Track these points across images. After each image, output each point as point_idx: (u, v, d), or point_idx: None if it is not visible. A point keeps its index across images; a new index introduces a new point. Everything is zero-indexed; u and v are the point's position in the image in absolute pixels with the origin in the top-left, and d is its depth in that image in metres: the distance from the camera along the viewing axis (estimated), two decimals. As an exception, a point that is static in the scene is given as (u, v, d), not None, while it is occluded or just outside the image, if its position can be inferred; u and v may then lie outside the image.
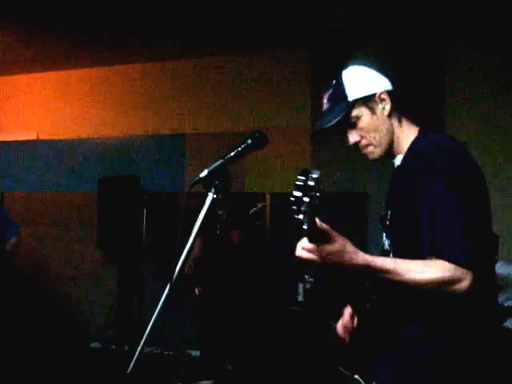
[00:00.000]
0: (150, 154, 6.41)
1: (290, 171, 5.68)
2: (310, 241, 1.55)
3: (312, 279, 4.52)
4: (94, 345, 6.06)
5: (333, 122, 1.84)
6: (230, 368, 5.08)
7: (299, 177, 1.45)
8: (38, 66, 6.63)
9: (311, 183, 1.44)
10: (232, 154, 1.86)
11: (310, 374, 4.40)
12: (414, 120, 1.91)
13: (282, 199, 5.63)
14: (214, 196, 1.81)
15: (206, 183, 1.80)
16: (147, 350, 1.87)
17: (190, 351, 5.69)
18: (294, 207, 1.43)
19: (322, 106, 1.95)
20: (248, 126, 5.85)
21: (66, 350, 5.78)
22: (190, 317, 5.38)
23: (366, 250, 1.64)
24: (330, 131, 1.88)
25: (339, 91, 1.88)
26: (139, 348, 1.83)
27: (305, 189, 1.43)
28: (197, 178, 1.81)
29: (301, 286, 4.87)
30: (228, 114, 6.15)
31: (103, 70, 6.66)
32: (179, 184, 6.24)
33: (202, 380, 4.88)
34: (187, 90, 6.35)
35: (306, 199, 1.42)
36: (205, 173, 1.82)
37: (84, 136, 6.69)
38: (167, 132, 6.39)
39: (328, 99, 1.91)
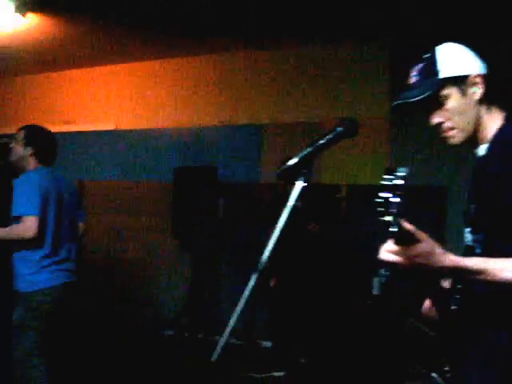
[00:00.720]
0: (226, 144, 6.43)
1: (368, 162, 5.56)
2: (397, 243, 1.47)
3: (387, 273, 4.41)
4: (168, 332, 6.16)
5: (420, 97, 1.72)
6: (302, 360, 5.03)
7: (385, 176, 1.38)
8: (116, 57, 6.79)
9: (399, 182, 1.37)
10: (322, 141, 1.71)
11: (383, 369, 4.29)
12: (501, 109, 1.79)
13: (358, 191, 5.52)
14: (305, 184, 1.71)
15: (292, 172, 1.72)
16: (216, 338, 1.86)
17: (261, 342, 5.69)
18: (382, 209, 1.36)
19: (408, 79, 1.83)
20: (325, 116, 5.76)
21: (140, 337, 5.90)
22: (263, 307, 5.37)
23: (444, 246, 1.55)
24: (414, 107, 1.76)
25: (431, 66, 1.77)
26: (225, 336, 1.80)
27: (392, 189, 1.36)
28: (286, 165, 1.72)
29: (376, 279, 4.76)
30: (305, 104, 6.08)
31: (178, 60, 6.73)
32: (255, 174, 6.23)
33: (274, 371, 4.87)
34: (263, 80, 6.31)
35: (395, 200, 1.35)
36: (295, 160, 1.71)
37: (160, 126, 6.80)
38: (243, 122, 6.39)
39: (417, 73, 1.80)
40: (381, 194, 1.37)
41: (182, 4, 4.95)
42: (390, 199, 1.35)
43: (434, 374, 1.85)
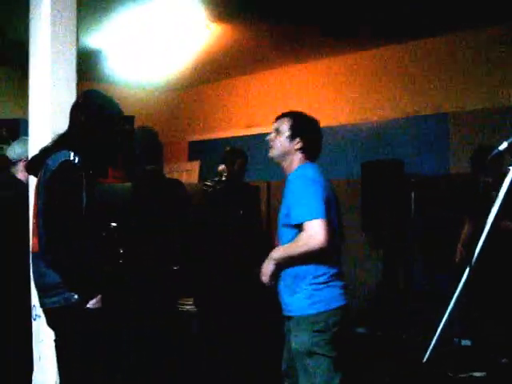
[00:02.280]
0: (412, 137, 6.25)
1: None
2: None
3: None
4: (359, 330, 6.14)
5: None
6: (503, 361, 4.76)
7: None
8: (295, 58, 6.94)
9: None
10: None
11: None
12: None
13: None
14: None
15: (500, 158, 1.61)
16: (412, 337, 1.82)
17: (458, 340, 5.46)
18: None
19: None
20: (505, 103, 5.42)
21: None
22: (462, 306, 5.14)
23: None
24: None
25: None
26: (435, 337, 1.78)
27: None
28: (496, 151, 1.63)
29: None
30: (490, 89, 5.72)
31: (360, 55, 6.69)
32: (443, 165, 5.99)
33: (474, 371, 4.66)
34: (443, 68, 6.06)
35: None
36: (504, 145, 1.63)
37: (344, 122, 6.80)
38: (429, 112, 6.17)
39: None
40: None
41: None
42: None
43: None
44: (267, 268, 2.79)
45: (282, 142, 2.91)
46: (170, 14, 5.12)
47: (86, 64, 5.75)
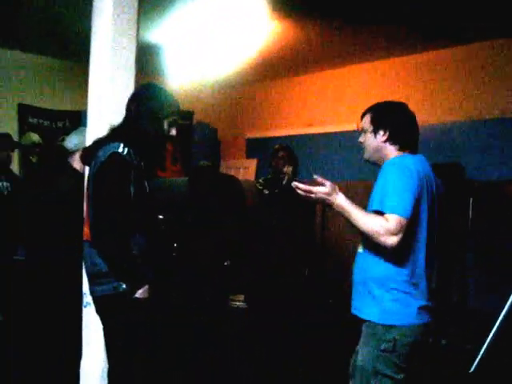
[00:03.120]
0: (475, 140, 6.05)
1: None
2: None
3: None
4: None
5: None
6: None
7: None
8: (366, 55, 6.85)
9: None
10: None
11: None
12: None
13: None
14: None
15: None
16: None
17: None
18: None
19: None
20: None
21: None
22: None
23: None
24: None
25: None
26: (484, 347, 1.70)
27: None
28: None
29: None
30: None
31: (423, 56, 6.56)
32: (508, 171, 5.78)
33: None
34: (511, 70, 5.84)
35: None
36: None
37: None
38: (493, 116, 5.96)
39: None
40: None
41: None
42: None
43: None
44: (318, 191, 2.45)
45: (369, 140, 2.69)
46: (231, 9, 5.13)
47: (147, 58, 5.83)
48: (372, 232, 2.36)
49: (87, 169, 3.01)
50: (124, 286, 2.67)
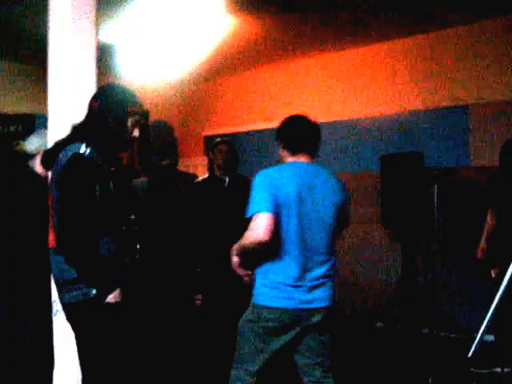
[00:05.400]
0: (432, 129, 6.15)
1: None
2: None
3: None
4: (378, 324, 6.08)
5: None
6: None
7: None
8: (321, 48, 6.86)
9: None
10: None
11: None
12: None
13: None
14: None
15: None
16: (435, 332, 1.76)
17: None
18: None
19: None
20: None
21: (351, 328, 5.90)
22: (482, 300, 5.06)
23: None
24: None
25: None
26: (480, 333, 1.71)
27: None
28: None
29: None
30: (508, 82, 5.62)
31: (379, 47, 6.62)
32: (463, 158, 5.89)
33: (496, 367, 4.58)
34: (464, 59, 5.95)
35: None
36: None
37: (364, 115, 6.72)
38: (448, 104, 6.06)
39: None
40: None
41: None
42: None
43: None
44: (232, 260, 2.97)
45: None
46: (188, 4, 5.07)
47: (103, 58, 5.71)
48: (249, 242, 2.82)
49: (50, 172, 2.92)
50: (94, 292, 2.60)
